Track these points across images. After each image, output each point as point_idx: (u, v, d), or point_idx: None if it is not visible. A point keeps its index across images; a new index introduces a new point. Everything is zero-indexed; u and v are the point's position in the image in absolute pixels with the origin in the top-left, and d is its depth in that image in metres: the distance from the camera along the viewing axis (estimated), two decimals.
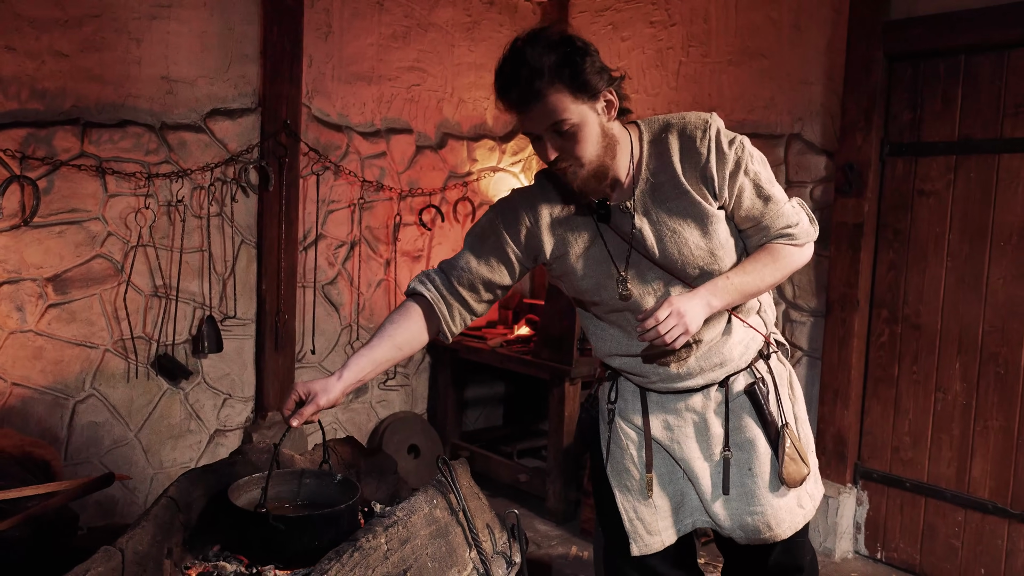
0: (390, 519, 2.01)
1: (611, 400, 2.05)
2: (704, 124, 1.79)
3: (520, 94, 1.67)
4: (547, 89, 1.66)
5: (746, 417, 1.95)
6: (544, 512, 4.02)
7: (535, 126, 1.71)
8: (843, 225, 3.59)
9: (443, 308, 1.94)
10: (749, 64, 4.01)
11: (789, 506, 1.95)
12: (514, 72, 1.66)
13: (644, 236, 1.83)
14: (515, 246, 1.92)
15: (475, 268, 1.93)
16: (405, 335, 1.94)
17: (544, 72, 1.65)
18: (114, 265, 3.53)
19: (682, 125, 1.81)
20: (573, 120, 1.69)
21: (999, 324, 3.23)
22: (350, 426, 4.35)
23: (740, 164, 1.79)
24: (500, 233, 1.92)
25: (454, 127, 4.60)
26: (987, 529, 3.28)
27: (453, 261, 1.96)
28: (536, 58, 1.65)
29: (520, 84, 1.66)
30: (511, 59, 1.68)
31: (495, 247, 1.93)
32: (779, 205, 1.84)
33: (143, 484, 3.67)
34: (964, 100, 3.30)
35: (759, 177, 1.82)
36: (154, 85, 3.56)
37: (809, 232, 1.90)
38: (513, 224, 1.91)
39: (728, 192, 1.81)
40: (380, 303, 4.40)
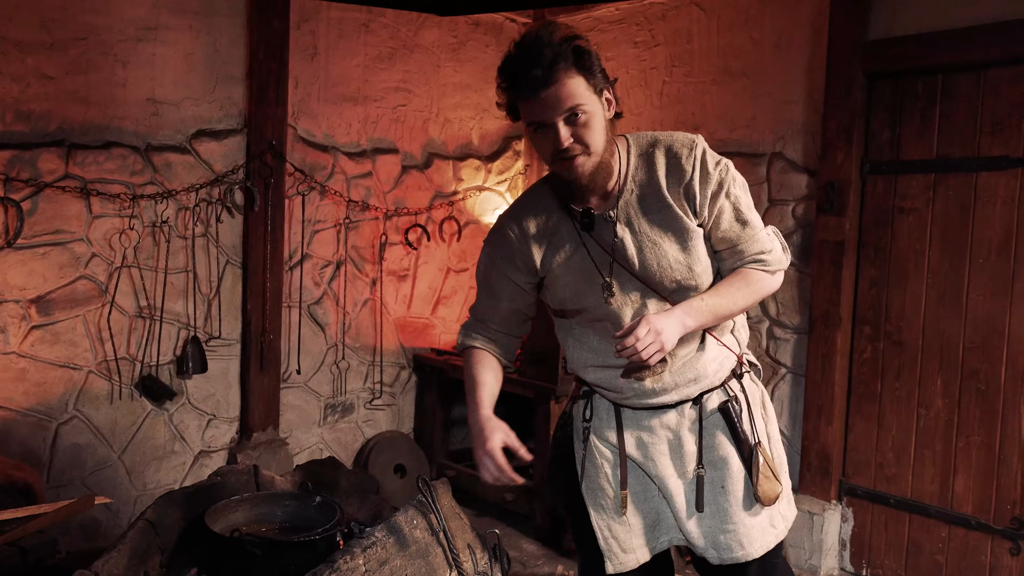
0: (369, 540, 2.01)
1: (586, 418, 2.07)
2: (691, 144, 1.84)
3: (543, 74, 1.68)
4: (568, 73, 1.70)
5: (719, 435, 1.96)
6: (530, 531, 4.01)
7: (549, 112, 1.72)
8: (825, 243, 3.61)
9: (494, 349, 2.06)
10: (731, 83, 4.05)
11: (761, 525, 1.96)
12: (537, 52, 1.68)
13: (625, 246, 1.86)
14: (515, 271, 1.98)
15: (495, 311, 2.03)
16: (494, 364, 2.04)
17: (567, 55, 1.69)
18: (98, 286, 3.53)
19: (669, 143, 1.86)
20: (588, 107, 1.73)
21: (979, 340, 3.25)
22: (336, 446, 4.34)
23: (723, 186, 1.84)
24: (498, 268, 1.98)
25: (440, 147, 4.62)
26: (971, 545, 3.29)
27: (479, 311, 2.06)
28: (557, 43, 1.69)
29: (544, 64, 1.67)
30: (531, 42, 1.70)
31: (500, 283, 2.00)
32: (755, 231, 1.89)
33: (126, 506, 3.65)
34: (942, 119, 3.35)
35: (739, 201, 1.87)
36: (139, 107, 3.58)
37: (781, 260, 1.93)
38: (506, 252, 1.97)
39: (708, 211, 1.85)
40: (366, 323, 4.40)
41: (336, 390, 4.31)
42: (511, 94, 1.76)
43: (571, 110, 1.71)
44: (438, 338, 4.71)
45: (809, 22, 3.73)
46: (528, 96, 1.72)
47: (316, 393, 4.24)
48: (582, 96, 1.71)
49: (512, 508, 4.14)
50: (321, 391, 4.26)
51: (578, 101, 1.71)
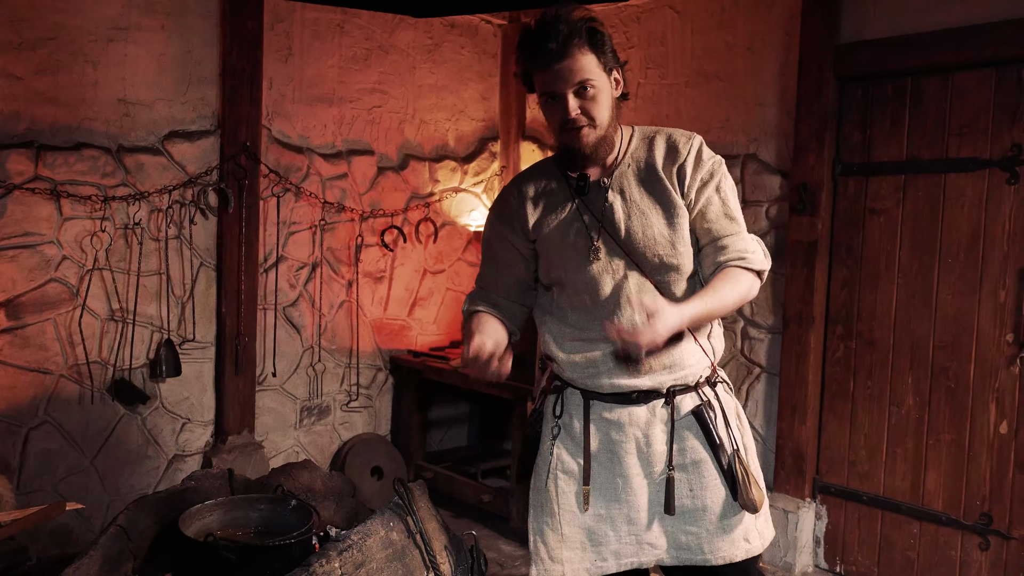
0: (344, 543, 2.00)
1: (556, 414, 2.05)
2: (690, 136, 1.97)
3: (558, 48, 1.80)
4: (581, 49, 1.82)
5: (692, 439, 1.95)
6: (508, 532, 4.01)
7: (561, 84, 1.83)
8: (798, 243, 3.65)
9: (498, 313, 2.06)
10: (705, 86, 4.09)
11: (731, 537, 1.93)
12: (554, 28, 1.81)
13: (614, 212, 1.94)
14: (513, 234, 2.06)
15: (498, 277, 2.10)
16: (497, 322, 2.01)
17: (581, 32, 1.82)
18: (69, 289, 3.48)
19: (670, 132, 1.99)
20: (596, 83, 1.85)
21: (948, 339, 3.30)
22: (312, 449, 4.31)
23: (713, 176, 1.93)
24: (499, 233, 2.07)
25: (416, 148, 4.61)
26: (941, 540, 3.34)
27: (483, 279, 2.13)
28: (573, 21, 1.82)
29: (559, 39, 1.80)
30: (551, 19, 1.82)
31: (502, 248, 2.08)
32: (741, 229, 1.94)
33: (99, 512, 3.60)
34: (911, 121, 3.40)
35: (727, 198, 1.94)
36: (111, 108, 3.54)
37: (763, 262, 1.94)
38: (505, 216, 2.07)
39: (695, 196, 1.92)
40: (342, 324, 4.38)
41: (312, 392, 4.29)
42: (527, 65, 1.88)
43: (581, 83, 1.83)
44: (415, 340, 4.70)
45: (781, 26, 3.77)
46: (542, 67, 1.84)
47: (292, 396, 4.22)
48: (592, 72, 1.84)
49: (490, 509, 4.14)
50: (297, 394, 4.24)
51: (588, 76, 1.83)
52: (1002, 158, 3.14)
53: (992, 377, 3.20)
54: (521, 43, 1.88)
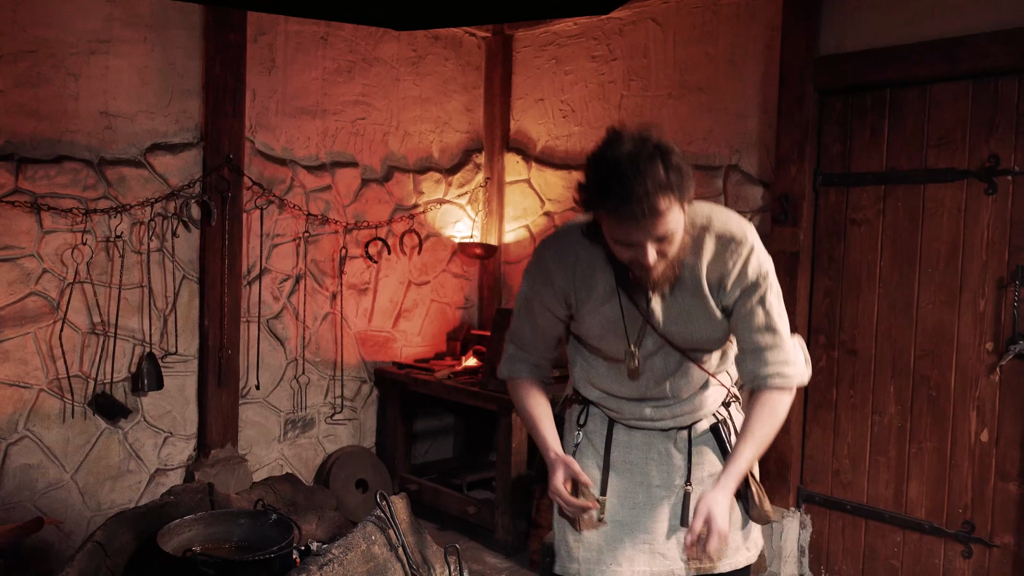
0: (325, 557, 1.99)
1: (580, 423, 2.11)
2: (741, 238, 1.84)
3: (645, 208, 1.65)
4: (667, 205, 1.67)
5: (709, 453, 2.03)
6: (493, 544, 4.00)
7: (640, 236, 1.70)
8: (780, 254, 3.67)
9: (538, 374, 2.12)
10: (688, 98, 4.11)
11: (735, 544, 2.02)
12: (640, 186, 1.63)
13: (654, 312, 1.90)
14: (553, 303, 1.99)
15: (536, 339, 2.08)
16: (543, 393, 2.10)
17: (667, 188, 1.66)
18: (49, 303, 3.46)
19: (721, 230, 1.85)
20: (677, 227, 1.73)
21: (929, 348, 3.33)
22: (297, 462, 4.29)
23: (757, 291, 1.86)
24: (539, 298, 2.00)
25: (400, 160, 4.62)
26: (924, 549, 3.35)
27: (520, 340, 2.09)
28: (656, 173, 1.64)
29: (647, 201, 1.64)
30: (632, 170, 1.64)
31: (541, 313, 2.02)
32: (782, 340, 1.89)
33: (79, 528, 3.56)
34: (891, 132, 3.43)
35: (771, 309, 1.88)
36: (92, 120, 3.52)
37: (803, 375, 1.93)
38: (545, 285, 1.97)
39: (737, 306, 1.88)
40: (326, 336, 4.37)
41: (296, 405, 4.27)
42: (598, 207, 1.72)
43: (664, 235, 1.71)
44: (399, 352, 4.69)
45: (762, 38, 3.80)
46: (620, 221, 1.69)
47: (276, 409, 4.20)
48: (675, 221, 1.71)
49: (475, 521, 4.13)
50: (281, 406, 4.22)
51: (671, 227, 1.71)
52: (980, 168, 3.18)
53: (973, 386, 3.22)
54: (594, 184, 1.69)
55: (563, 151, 4.71)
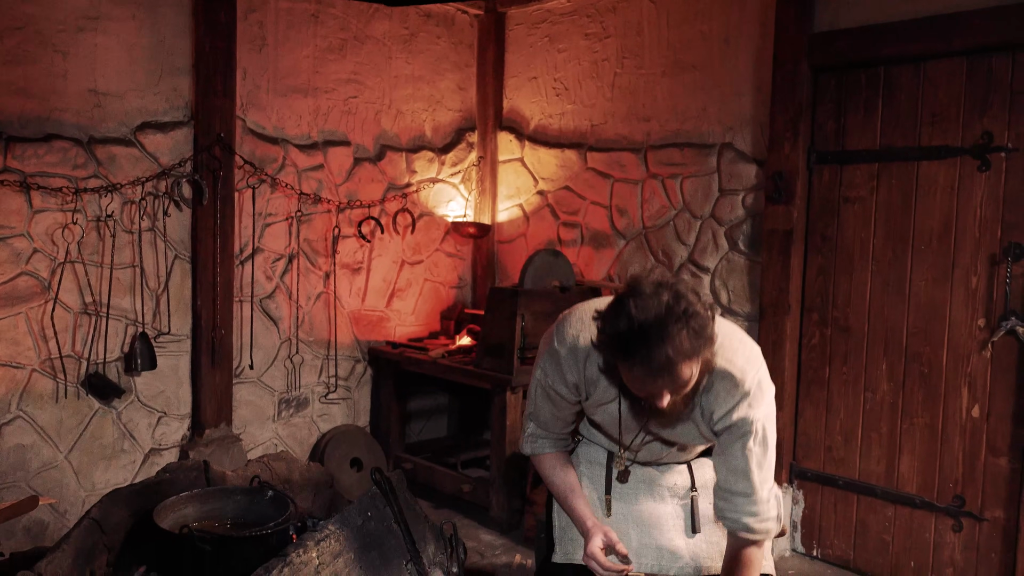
0: (322, 533, 2.00)
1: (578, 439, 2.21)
2: (740, 381, 1.84)
3: (662, 375, 1.66)
4: (689, 370, 1.67)
5: (708, 463, 2.10)
6: (488, 522, 4.02)
7: (659, 388, 1.70)
8: (774, 232, 3.68)
9: (561, 446, 2.16)
10: (682, 76, 4.10)
11: None
12: (660, 354, 1.63)
13: (651, 424, 1.98)
14: (567, 392, 2.01)
15: (555, 418, 2.09)
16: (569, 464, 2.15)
17: (690, 355, 1.65)
18: (41, 282, 3.44)
19: (725, 369, 1.84)
20: (694, 379, 1.72)
21: (921, 325, 3.34)
22: (291, 441, 4.29)
23: (741, 435, 1.86)
24: (554, 388, 2.01)
25: (392, 139, 4.59)
26: (915, 523, 3.39)
27: (541, 420, 2.11)
28: (681, 342, 1.63)
29: (666, 368, 1.64)
30: (652, 337, 1.62)
31: (557, 399, 2.04)
32: (755, 490, 1.89)
33: (74, 507, 3.56)
34: (884, 110, 3.42)
35: (750, 456, 1.88)
36: (81, 99, 3.48)
37: (771, 531, 1.95)
38: (559, 378, 1.99)
39: (719, 439, 1.91)
40: (320, 316, 4.36)
41: (290, 385, 4.27)
42: (619, 360, 1.71)
43: (681, 386, 1.71)
44: (393, 331, 4.69)
45: (756, 16, 3.78)
46: (640, 377, 1.69)
47: (270, 388, 4.19)
48: (693, 375, 1.70)
49: (470, 499, 4.14)
50: (275, 386, 4.21)
51: (688, 381, 1.70)
52: (973, 145, 3.18)
53: (964, 362, 3.24)
54: (616, 338, 1.67)
55: (556, 129, 4.69)
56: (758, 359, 1.89)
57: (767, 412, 1.86)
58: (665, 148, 4.18)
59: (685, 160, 4.10)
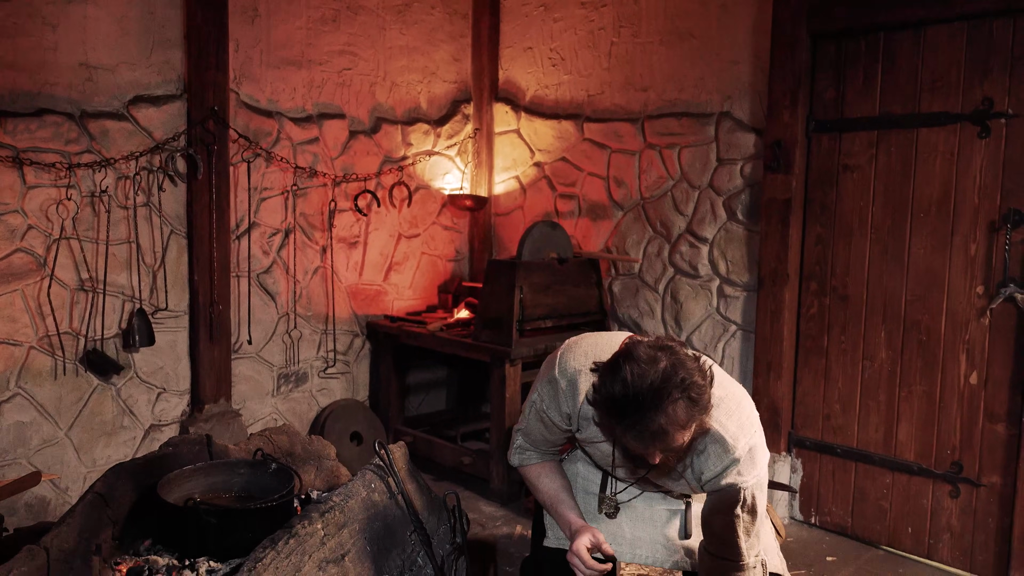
0: (327, 505, 2.00)
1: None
2: (732, 448, 1.83)
3: (654, 441, 1.66)
4: (679, 435, 1.67)
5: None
6: (489, 493, 4.04)
7: (651, 450, 1.70)
8: (773, 201, 3.66)
9: (547, 458, 2.19)
10: (679, 44, 4.06)
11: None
12: (654, 423, 1.63)
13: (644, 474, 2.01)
14: (563, 424, 2.04)
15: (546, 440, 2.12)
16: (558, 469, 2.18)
17: (685, 424, 1.66)
18: (36, 259, 3.41)
19: (718, 434, 1.83)
20: (687, 442, 1.72)
21: (920, 293, 3.35)
22: (290, 416, 4.30)
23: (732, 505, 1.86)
24: (550, 416, 2.04)
25: (387, 111, 4.55)
26: (913, 490, 3.41)
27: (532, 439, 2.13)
28: (676, 413, 1.63)
29: (659, 436, 1.65)
30: (648, 405, 1.62)
31: (550, 425, 2.06)
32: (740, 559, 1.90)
33: (75, 484, 3.57)
34: (884, 76, 3.40)
35: (737, 523, 1.88)
36: (72, 72, 3.44)
37: None
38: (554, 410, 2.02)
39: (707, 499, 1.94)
40: (317, 291, 4.34)
41: (289, 359, 4.26)
42: (612, 421, 1.70)
43: (675, 452, 1.72)
44: (391, 304, 4.68)
45: None
46: (632, 439, 1.68)
47: (268, 363, 4.19)
48: (685, 440, 1.70)
49: (470, 472, 4.16)
50: (273, 361, 4.21)
51: (681, 445, 1.70)
52: (973, 111, 3.16)
53: (963, 329, 3.25)
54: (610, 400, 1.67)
55: (552, 100, 4.65)
56: (752, 424, 1.88)
57: (758, 480, 1.86)
58: (662, 118, 4.15)
59: (683, 130, 4.08)
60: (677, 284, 4.15)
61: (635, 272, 4.32)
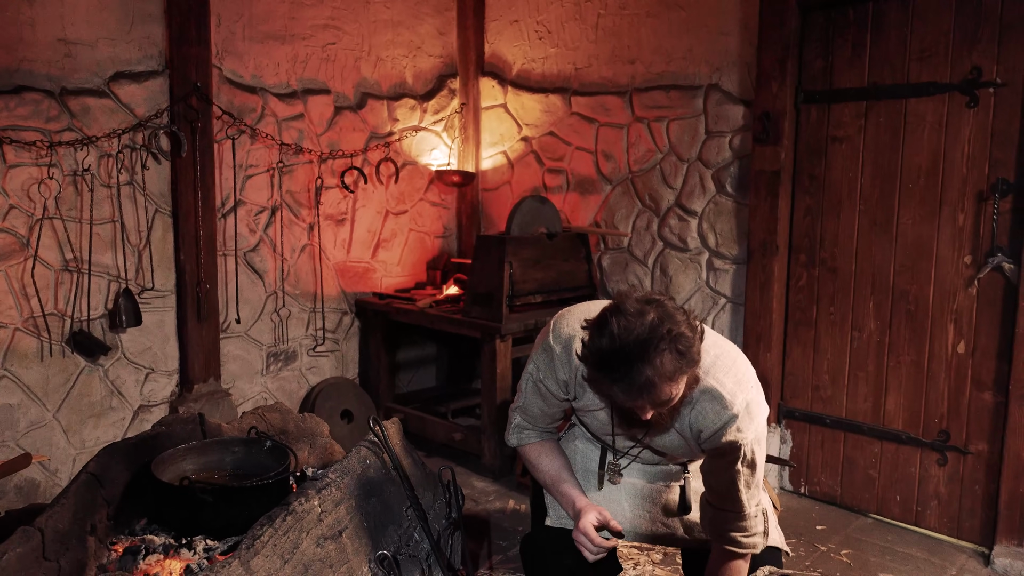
0: (323, 482, 2.00)
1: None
2: (730, 403, 1.82)
3: (642, 394, 1.65)
4: (667, 387, 1.65)
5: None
6: (481, 469, 4.05)
7: (642, 404, 1.70)
8: (762, 173, 3.66)
9: (546, 436, 2.17)
10: (667, 15, 4.03)
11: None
12: (640, 376, 1.62)
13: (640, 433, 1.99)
14: (560, 393, 2.03)
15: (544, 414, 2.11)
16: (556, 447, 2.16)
17: (672, 376, 1.64)
18: (19, 240, 3.36)
19: (714, 390, 1.83)
20: (678, 395, 1.72)
21: (908, 264, 3.36)
22: (280, 394, 4.28)
23: (727, 457, 1.87)
24: (546, 385, 2.03)
25: (373, 86, 4.50)
26: (901, 458, 3.45)
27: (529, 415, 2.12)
28: (663, 364, 1.62)
29: (646, 389, 1.63)
30: (634, 357, 1.61)
31: (547, 396, 2.05)
32: (742, 507, 1.91)
33: (65, 465, 3.55)
34: (872, 46, 3.39)
35: (737, 477, 1.89)
36: (51, 48, 3.37)
37: (756, 545, 1.95)
38: (550, 377, 2.01)
39: (707, 456, 1.94)
40: (305, 268, 4.31)
41: (278, 338, 4.24)
42: (600, 376, 1.69)
43: (665, 404, 1.71)
44: (379, 282, 4.66)
45: None
46: (620, 393, 1.67)
47: (257, 342, 4.16)
48: (676, 393, 1.69)
49: (461, 447, 4.17)
50: (262, 340, 4.18)
51: (671, 398, 1.69)
52: (962, 81, 3.16)
53: (951, 299, 3.27)
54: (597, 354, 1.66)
55: (539, 74, 4.61)
56: (749, 380, 1.88)
57: (756, 434, 1.87)
58: (650, 91, 4.13)
59: (671, 102, 4.05)
60: (666, 258, 4.15)
61: (624, 246, 4.31)
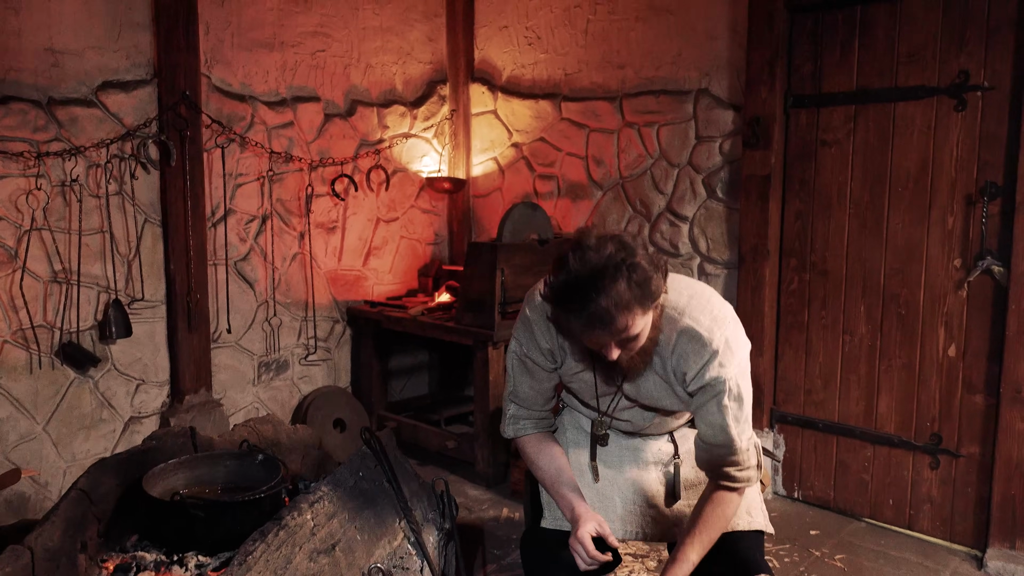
0: (315, 495, 1.98)
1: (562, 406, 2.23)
2: (708, 339, 1.83)
3: (600, 324, 1.65)
4: (627, 320, 1.66)
5: (690, 432, 2.15)
6: (474, 477, 4.04)
7: (604, 339, 1.70)
8: (752, 177, 3.67)
9: (545, 426, 2.16)
10: (656, 20, 4.03)
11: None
12: (595, 305, 1.63)
13: (625, 387, 1.99)
14: (542, 360, 2.02)
15: (536, 392, 2.09)
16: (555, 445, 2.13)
17: (628, 305, 1.64)
18: (7, 251, 3.34)
19: (691, 329, 1.84)
20: (641, 331, 1.73)
21: (899, 267, 3.37)
22: (272, 404, 4.26)
23: (714, 392, 1.87)
24: (531, 358, 2.02)
25: (363, 94, 4.49)
26: (894, 462, 3.46)
27: (521, 397, 2.10)
28: (618, 291, 1.62)
29: (603, 317, 1.64)
30: (588, 287, 1.62)
31: (535, 369, 2.04)
32: (733, 441, 1.90)
33: (55, 479, 3.52)
34: (861, 50, 3.40)
35: (726, 411, 1.88)
36: (37, 57, 3.35)
37: (750, 478, 1.95)
38: (532, 346, 2.01)
39: (694, 398, 1.92)
40: (296, 277, 4.29)
41: (269, 347, 4.22)
42: (560, 312, 1.71)
43: (626, 339, 1.71)
44: (371, 290, 4.64)
45: None
46: (581, 328, 1.68)
47: (249, 352, 4.14)
48: (638, 326, 1.70)
49: (455, 455, 4.16)
50: (254, 349, 4.16)
51: (634, 332, 1.70)
52: (950, 85, 3.18)
53: (941, 302, 3.28)
54: (556, 293, 1.68)
55: (529, 80, 4.61)
56: (726, 317, 1.88)
57: (739, 369, 1.87)
58: (640, 96, 4.13)
59: (661, 107, 4.06)
60: None
61: None
